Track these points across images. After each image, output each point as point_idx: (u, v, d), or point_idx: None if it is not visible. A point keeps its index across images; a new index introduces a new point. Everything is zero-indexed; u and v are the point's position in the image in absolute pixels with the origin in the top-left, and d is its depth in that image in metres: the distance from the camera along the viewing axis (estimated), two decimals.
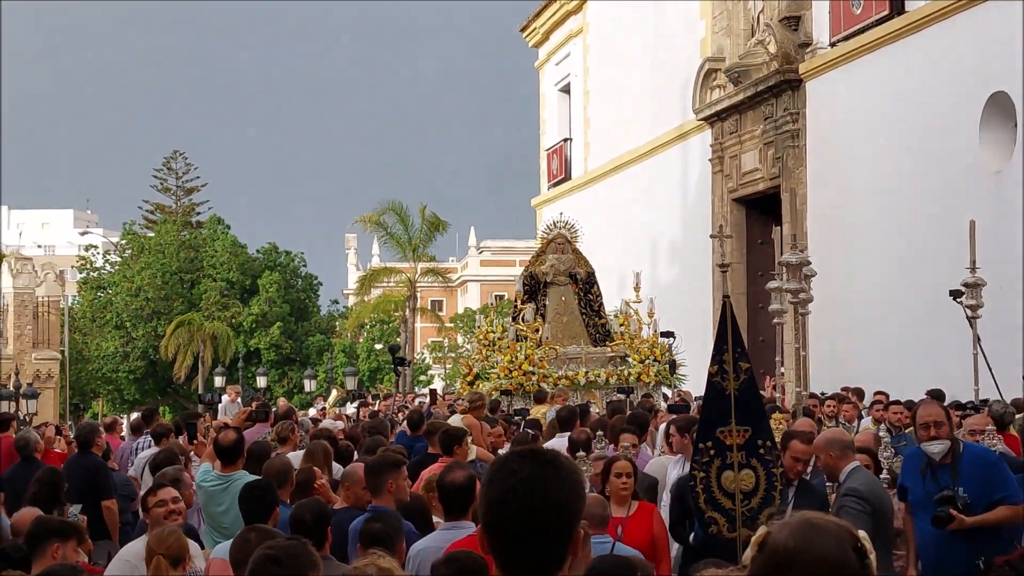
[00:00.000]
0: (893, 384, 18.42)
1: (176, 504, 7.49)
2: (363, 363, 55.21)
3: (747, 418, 7.55)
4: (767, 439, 7.65)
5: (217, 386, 41.66)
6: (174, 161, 65.91)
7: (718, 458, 7.54)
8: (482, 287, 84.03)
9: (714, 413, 7.65)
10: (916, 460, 8.17)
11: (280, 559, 4.70)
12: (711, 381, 7.69)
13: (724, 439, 7.52)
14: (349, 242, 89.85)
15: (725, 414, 7.53)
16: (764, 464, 7.56)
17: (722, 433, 7.52)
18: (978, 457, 8.07)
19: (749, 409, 7.59)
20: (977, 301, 12.88)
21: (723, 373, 7.54)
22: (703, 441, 7.65)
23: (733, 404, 7.52)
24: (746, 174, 27.53)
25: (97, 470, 11.87)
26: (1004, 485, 7.89)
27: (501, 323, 23.80)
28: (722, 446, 7.52)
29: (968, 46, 20.24)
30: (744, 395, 7.55)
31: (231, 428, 10.54)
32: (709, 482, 7.55)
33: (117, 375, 54.36)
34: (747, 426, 7.53)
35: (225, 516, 9.26)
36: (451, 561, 5.48)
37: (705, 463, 7.57)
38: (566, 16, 40.50)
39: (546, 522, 2.86)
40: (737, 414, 7.52)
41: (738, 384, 7.51)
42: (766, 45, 26.20)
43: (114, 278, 56.60)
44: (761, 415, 7.85)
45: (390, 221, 46.11)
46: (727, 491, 7.52)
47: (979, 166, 20.07)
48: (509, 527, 2.87)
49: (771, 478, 7.57)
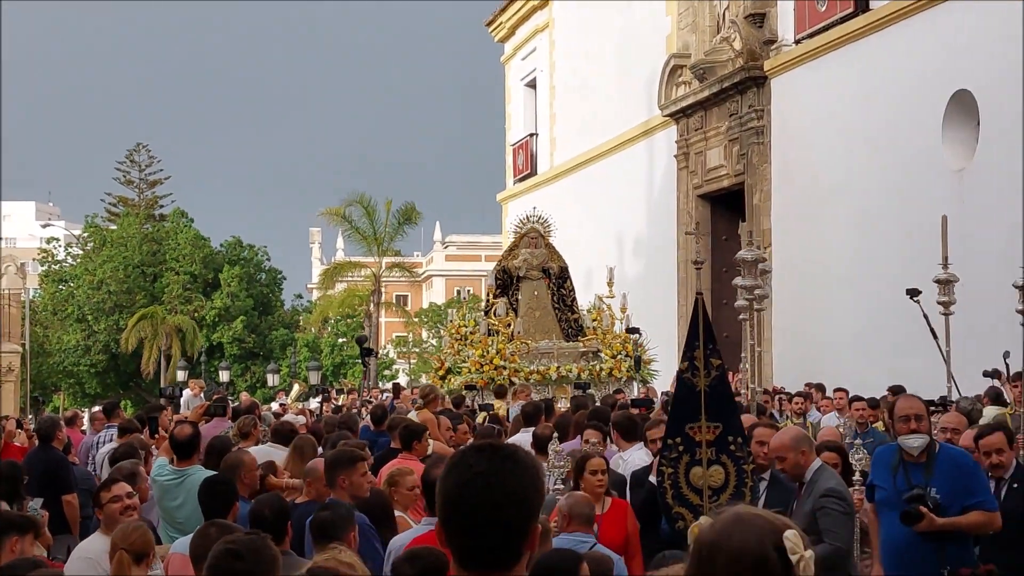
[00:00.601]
0: (856, 380, 18.49)
1: (131, 499, 7.41)
2: (327, 358, 55.11)
3: (718, 415, 7.50)
4: (738, 435, 7.61)
5: (180, 380, 41.49)
6: (137, 153, 65.48)
7: (687, 454, 7.50)
8: (447, 282, 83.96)
9: (684, 409, 7.59)
10: (887, 456, 7.86)
11: (240, 553, 4.68)
12: (681, 377, 7.65)
13: (694, 435, 7.47)
14: (313, 236, 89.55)
15: (695, 410, 7.48)
16: (735, 460, 7.51)
17: (692, 429, 7.47)
18: (954, 459, 7.72)
19: (720, 406, 7.54)
20: (949, 297, 12.78)
21: (694, 369, 7.49)
22: (672, 437, 7.59)
23: (704, 400, 7.46)
24: (711, 170, 27.59)
25: (58, 464, 11.77)
26: (979, 490, 7.57)
27: (473, 317, 23.72)
28: (691, 442, 7.48)
29: (931, 45, 20.34)
30: (715, 391, 7.50)
31: (187, 423, 10.47)
32: (677, 478, 7.51)
33: (78, 368, 54.08)
34: (718, 422, 7.49)
35: (180, 511, 9.20)
36: (414, 558, 5.46)
37: (674, 459, 7.52)
38: (532, 11, 40.48)
39: (503, 516, 2.83)
40: (708, 410, 7.47)
41: (709, 380, 7.46)
42: (731, 42, 26.27)
43: (76, 271, 56.31)
44: (732, 412, 7.79)
45: (355, 215, 45.96)
46: (695, 487, 7.47)
47: (942, 164, 20.17)
48: (466, 520, 2.84)
49: (741, 474, 7.52)
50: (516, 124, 43.14)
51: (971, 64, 19.52)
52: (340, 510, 6.66)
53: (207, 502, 7.24)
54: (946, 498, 7.42)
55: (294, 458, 9.81)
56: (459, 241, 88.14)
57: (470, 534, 2.85)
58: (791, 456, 7.88)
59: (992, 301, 15.49)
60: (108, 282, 53.78)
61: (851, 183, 22.51)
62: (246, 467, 8.57)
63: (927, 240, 20.04)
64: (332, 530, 6.32)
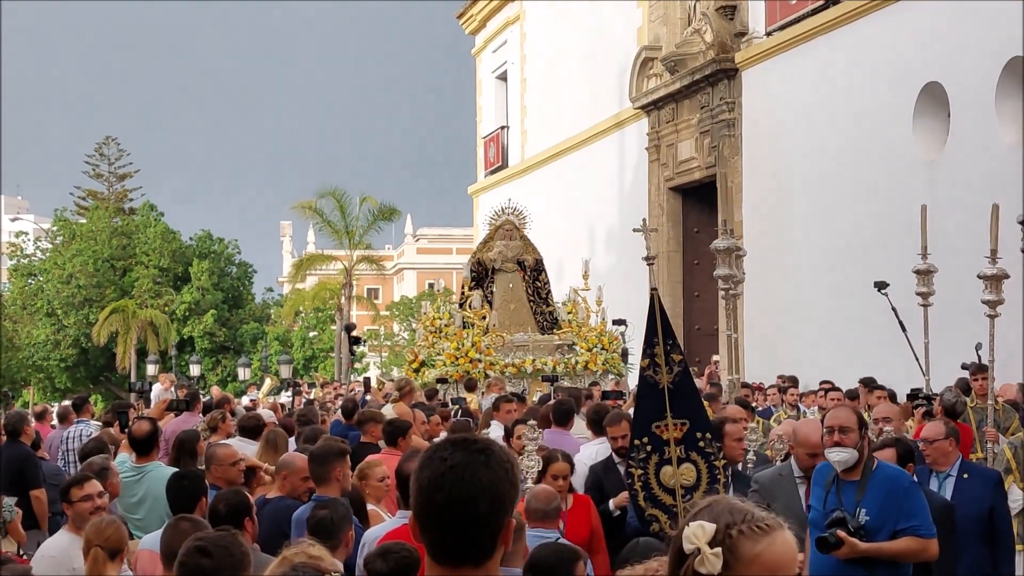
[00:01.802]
0: (826, 373, 18.57)
1: (101, 499, 7.33)
2: (297, 351, 54.97)
3: (684, 411, 7.39)
4: (706, 431, 7.50)
5: (150, 374, 41.32)
6: (106, 147, 65.06)
7: (655, 454, 7.39)
8: (419, 275, 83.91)
9: (648, 408, 7.48)
10: (824, 473, 7.04)
11: (208, 550, 4.66)
12: (643, 375, 7.53)
13: (660, 434, 7.36)
14: (284, 229, 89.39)
15: (660, 408, 7.38)
16: (704, 457, 7.41)
17: (658, 428, 7.37)
18: (890, 479, 6.90)
19: (685, 402, 7.43)
20: (928, 288, 12.67)
21: (655, 367, 7.39)
22: (639, 437, 7.48)
23: (668, 398, 7.35)
24: (682, 163, 27.62)
25: (25, 459, 11.69)
26: (913, 514, 6.75)
27: (448, 310, 23.61)
28: (659, 441, 7.37)
29: (902, 37, 20.41)
30: (679, 388, 7.39)
31: (145, 419, 10.39)
32: (648, 479, 7.40)
33: (48, 363, 53.76)
34: (684, 419, 7.37)
35: (138, 508, 9.14)
36: (387, 553, 5.44)
37: (642, 459, 7.41)
38: (503, 4, 40.44)
39: (477, 509, 2.83)
40: (673, 407, 7.36)
41: (672, 377, 7.35)
42: (702, 34, 26.28)
43: (45, 265, 55.94)
44: (698, 407, 7.66)
45: (327, 208, 45.82)
46: (667, 487, 7.37)
47: (913, 156, 20.24)
48: (439, 514, 2.84)
49: (713, 471, 7.42)
50: (487, 117, 43.12)
51: (942, 56, 19.59)
52: (339, 508, 6.60)
53: (174, 497, 7.17)
54: (876, 520, 6.71)
55: (267, 451, 9.75)
56: (430, 234, 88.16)
57: (443, 527, 2.85)
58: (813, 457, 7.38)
59: (961, 293, 15.52)
60: (77, 276, 53.46)
61: (822, 175, 22.57)
62: (218, 460, 8.49)
63: (898, 232, 20.17)
64: (332, 528, 6.27)
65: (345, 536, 6.37)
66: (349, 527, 6.51)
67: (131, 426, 9.93)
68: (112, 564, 6.30)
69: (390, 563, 5.35)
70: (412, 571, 5.34)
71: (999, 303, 10.87)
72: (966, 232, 16.91)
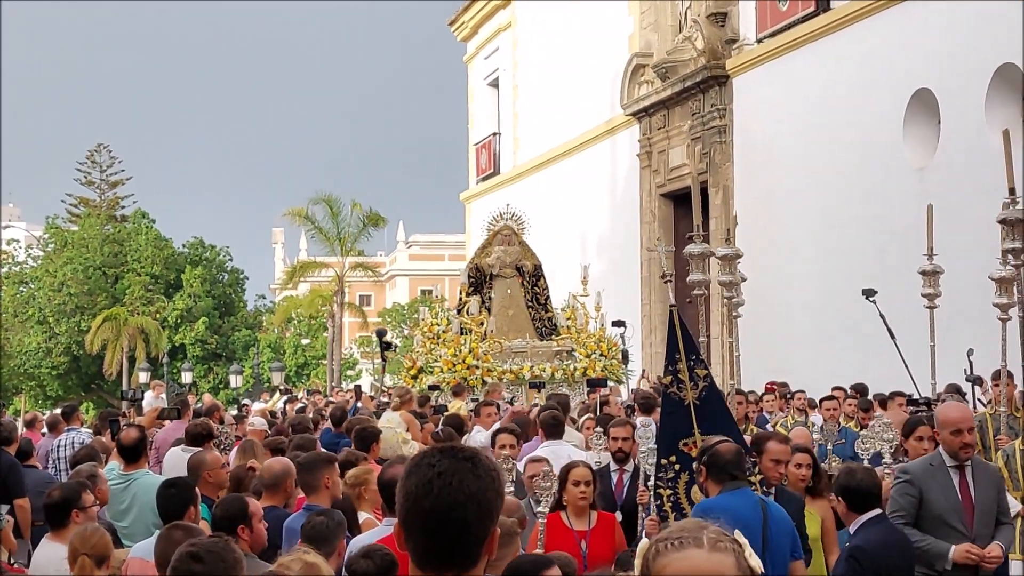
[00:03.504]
0: (818, 379, 18.56)
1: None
2: (289, 358, 54.92)
3: (713, 427, 7.13)
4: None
5: (142, 382, 41.29)
6: (98, 154, 65.03)
7: (684, 472, 7.14)
8: (411, 281, 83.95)
9: (674, 426, 7.23)
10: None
11: (200, 556, 4.66)
12: (666, 393, 7.32)
13: (689, 452, 7.12)
14: (276, 236, 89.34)
15: (687, 425, 7.15)
16: None
17: (686, 446, 7.14)
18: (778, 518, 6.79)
19: (713, 418, 7.19)
20: (934, 289, 12.48)
21: (679, 383, 7.18)
22: (666, 456, 7.22)
23: (695, 414, 7.14)
24: (674, 169, 27.66)
25: (9, 468, 11.65)
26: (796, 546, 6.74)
27: (446, 316, 23.44)
28: (688, 459, 7.12)
29: (892, 43, 20.46)
30: (706, 403, 7.17)
31: (134, 427, 10.39)
32: (678, 499, 7.15)
33: (40, 371, 53.63)
34: (714, 435, 7.04)
35: (125, 516, 9.13)
36: (370, 553, 5.48)
37: (671, 479, 7.16)
38: (495, 10, 40.49)
39: (462, 517, 2.84)
40: (701, 424, 7.14)
41: (698, 393, 7.15)
42: (693, 41, 26.34)
43: (36, 273, 55.85)
44: (728, 422, 7.39)
45: (319, 215, 45.83)
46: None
47: (903, 162, 20.29)
48: (425, 521, 2.85)
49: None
50: (479, 123, 43.15)
51: (932, 63, 19.64)
52: (335, 516, 6.58)
53: (163, 505, 7.15)
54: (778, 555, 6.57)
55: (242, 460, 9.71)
56: (422, 241, 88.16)
57: (429, 534, 2.86)
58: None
59: (953, 298, 15.53)
60: (69, 284, 53.36)
61: (813, 182, 22.61)
62: (207, 466, 8.48)
63: (889, 238, 20.22)
64: (327, 536, 6.27)
65: (339, 545, 6.37)
66: (343, 536, 6.51)
67: (119, 434, 9.93)
68: (99, 570, 6.31)
69: (375, 561, 5.39)
70: (393, 571, 5.38)
71: (1011, 306, 10.79)
72: (957, 238, 16.92)
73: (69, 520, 7.26)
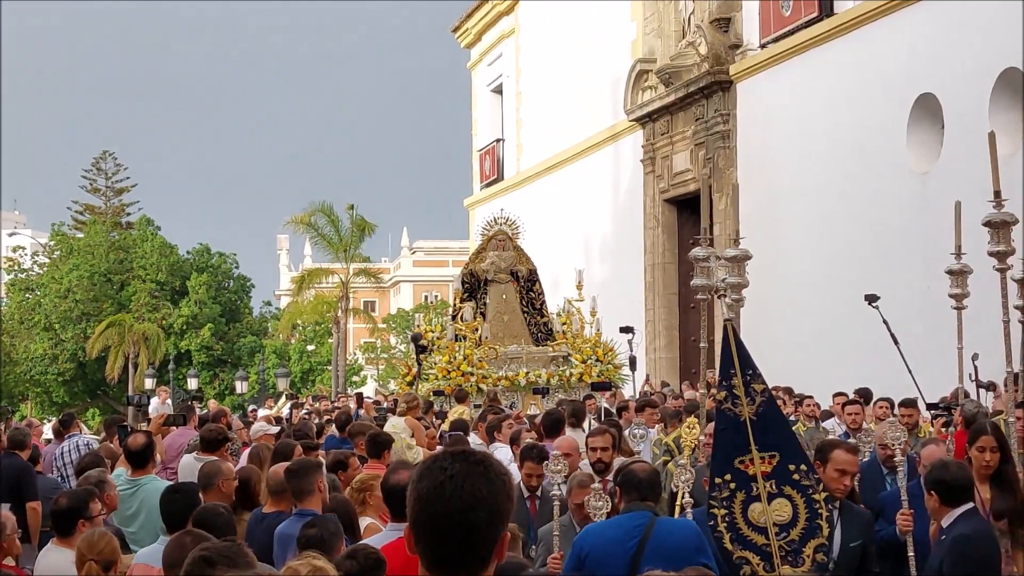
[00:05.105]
0: (820, 384, 18.55)
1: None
2: (295, 364, 54.93)
3: (771, 443, 6.83)
4: (801, 462, 6.89)
5: (148, 388, 41.30)
6: (103, 161, 65.06)
7: (741, 491, 6.81)
8: (415, 287, 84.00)
9: (729, 443, 6.88)
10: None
11: (213, 560, 4.65)
12: (720, 409, 6.98)
13: (745, 469, 6.80)
14: (281, 243, 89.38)
15: (743, 442, 6.81)
16: (801, 490, 6.81)
17: (742, 463, 6.81)
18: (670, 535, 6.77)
19: (772, 432, 6.85)
20: (963, 290, 12.33)
21: (733, 399, 6.86)
22: (719, 475, 6.88)
23: (751, 430, 6.81)
24: (677, 175, 27.68)
25: (22, 471, 11.70)
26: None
27: (440, 322, 23.36)
28: (744, 477, 6.81)
29: (896, 48, 20.47)
30: (763, 419, 6.84)
31: (141, 432, 10.42)
32: (734, 519, 6.76)
33: (46, 377, 53.64)
34: (773, 451, 6.81)
35: (133, 521, 9.15)
36: (354, 553, 5.57)
37: (725, 499, 6.81)
38: (498, 17, 40.52)
39: (473, 521, 2.86)
40: (758, 440, 6.80)
41: (755, 408, 6.82)
42: (697, 47, 26.35)
43: (42, 279, 55.85)
44: (788, 438, 7.05)
45: (321, 222, 45.87)
46: (757, 526, 6.77)
47: (906, 167, 20.30)
48: (436, 524, 2.87)
49: (812, 504, 6.80)
50: (483, 129, 43.18)
51: (935, 68, 19.65)
52: (328, 526, 6.57)
53: (167, 510, 7.17)
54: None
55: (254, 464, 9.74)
56: (427, 247, 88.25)
57: (440, 537, 2.88)
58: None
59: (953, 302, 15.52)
60: (75, 290, 53.37)
61: (816, 186, 22.62)
62: (223, 476, 8.50)
63: (892, 243, 20.24)
64: (321, 546, 6.29)
65: (338, 551, 6.38)
66: (341, 542, 6.53)
67: (127, 440, 9.96)
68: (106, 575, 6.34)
69: (359, 561, 5.45)
70: (378, 570, 5.42)
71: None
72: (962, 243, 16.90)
73: (75, 529, 7.26)
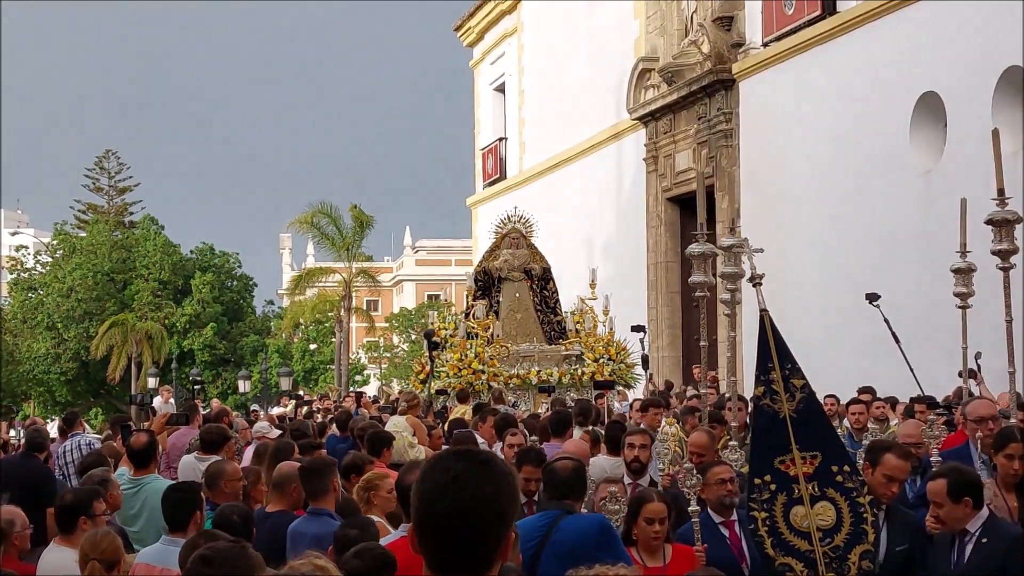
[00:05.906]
0: (823, 382, 18.50)
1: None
2: (297, 363, 54.95)
3: (813, 442, 6.52)
4: (844, 463, 6.58)
5: (151, 387, 41.32)
6: (106, 160, 65.12)
7: (782, 492, 6.49)
8: (417, 286, 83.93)
9: (768, 442, 6.59)
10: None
11: (211, 559, 4.62)
12: (759, 406, 6.69)
13: (786, 470, 6.50)
14: (284, 242, 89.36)
15: (783, 441, 6.51)
16: (845, 493, 6.50)
17: (783, 463, 6.50)
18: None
19: (813, 431, 6.56)
20: (968, 288, 12.28)
21: (772, 395, 6.57)
22: (759, 476, 6.56)
23: (791, 428, 6.50)
24: (680, 173, 27.65)
25: (45, 476, 11.66)
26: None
27: (453, 320, 23.24)
28: (785, 478, 6.49)
29: (899, 46, 20.45)
30: (804, 416, 6.54)
31: (143, 431, 10.42)
32: (775, 522, 6.47)
33: (48, 377, 53.67)
34: (814, 451, 6.51)
35: (135, 520, 9.13)
36: (362, 552, 5.53)
37: (766, 501, 6.49)
38: (501, 16, 40.49)
39: (476, 520, 2.84)
40: (799, 439, 6.49)
41: (795, 405, 6.53)
42: (699, 45, 26.32)
43: (45, 279, 55.87)
44: (831, 437, 6.76)
45: (323, 222, 45.88)
46: (799, 530, 6.45)
47: (909, 166, 20.28)
48: (439, 524, 2.85)
49: (857, 508, 6.48)
50: (485, 128, 43.15)
51: (938, 66, 19.63)
52: (370, 529, 6.54)
53: (168, 509, 7.15)
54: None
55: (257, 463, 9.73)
56: (429, 246, 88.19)
57: (443, 537, 2.86)
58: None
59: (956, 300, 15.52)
60: (78, 290, 53.40)
61: (819, 185, 22.60)
62: (227, 476, 8.49)
63: (895, 242, 20.22)
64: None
65: None
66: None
67: (129, 439, 9.96)
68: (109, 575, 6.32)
69: (365, 560, 5.42)
70: (388, 570, 5.40)
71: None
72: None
73: (77, 527, 7.26)
